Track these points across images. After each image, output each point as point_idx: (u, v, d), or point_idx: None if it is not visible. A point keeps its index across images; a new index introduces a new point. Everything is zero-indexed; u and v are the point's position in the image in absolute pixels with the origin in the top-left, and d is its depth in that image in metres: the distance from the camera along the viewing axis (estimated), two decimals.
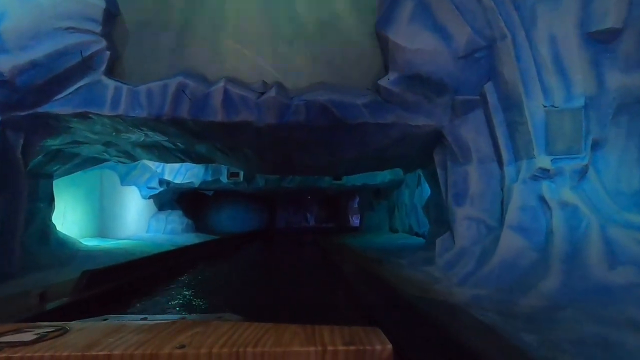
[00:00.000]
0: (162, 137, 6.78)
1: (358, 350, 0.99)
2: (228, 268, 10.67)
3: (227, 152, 7.79)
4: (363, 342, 1.01)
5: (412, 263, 6.89)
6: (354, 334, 1.07)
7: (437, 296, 4.46)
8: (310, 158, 7.69)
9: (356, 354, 0.98)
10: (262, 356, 0.97)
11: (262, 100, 5.74)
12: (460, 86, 5.52)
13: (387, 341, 1.02)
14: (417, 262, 6.88)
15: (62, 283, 5.05)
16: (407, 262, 7.14)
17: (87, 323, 1.37)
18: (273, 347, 0.99)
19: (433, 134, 6.10)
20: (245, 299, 6.48)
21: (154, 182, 14.88)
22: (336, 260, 8.96)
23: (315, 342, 1.02)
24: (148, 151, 8.14)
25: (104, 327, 1.24)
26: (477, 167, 5.77)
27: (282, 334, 1.08)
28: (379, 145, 6.75)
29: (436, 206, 9.10)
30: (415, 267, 6.33)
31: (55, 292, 4.49)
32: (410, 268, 6.33)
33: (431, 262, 6.22)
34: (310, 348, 0.98)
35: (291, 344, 1.01)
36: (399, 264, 7.16)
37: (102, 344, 1.03)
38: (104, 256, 7.70)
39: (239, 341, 1.03)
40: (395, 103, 5.81)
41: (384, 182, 16.47)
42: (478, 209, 5.72)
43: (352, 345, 0.99)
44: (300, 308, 5.65)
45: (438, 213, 8.96)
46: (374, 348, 0.99)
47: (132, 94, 5.65)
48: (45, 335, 1.09)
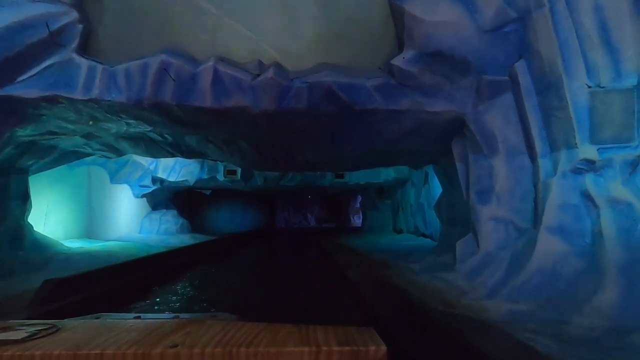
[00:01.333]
0: (146, 127, 6.03)
1: (352, 351, 0.98)
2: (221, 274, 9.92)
3: (220, 146, 7.04)
4: (357, 343, 1.01)
5: (427, 268, 6.14)
6: (348, 335, 1.07)
7: (466, 311, 3.71)
8: (313, 152, 6.94)
9: (350, 355, 0.98)
10: (255, 356, 0.96)
11: (257, 82, 5.00)
12: (486, 65, 4.78)
13: (381, 342, 1.01)
14: (432, 267, 6.14)
15: (19, 295, 4.31)
16: (420, 267, 6.39)
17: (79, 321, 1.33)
18: (267, 347, 0.98)
19: (453, 123, 5.35)
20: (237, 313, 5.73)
21: (147, 180, 14.11)
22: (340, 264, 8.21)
23: (310, 342, 1.01)
24: (134, 144, 7.39)
25: (96, 326, 1.23)
26: (504, 159, 5.02)
27: (276, 333, 1.08)
28: (390, 136, 6.00)
29: (449, 205, 8.35)
30: (432, 273, 5.58)
31: (7, 306, 3.75)
32: (426, 274, 5.58)
33: (450, 268, 5.47)
34: (304, 348, 0.97)
35: (285, 344, 1.00)
36: (410, 269, 6.42)
37: (94, 342, 1.02)
38: (85, 260, 6.96)
39: (233, 341, 1.02)
40: (411, 86, 5.06)
41: (388, 181, 15.73)
42: (506, 208, 4.97)
43: (346, 346, 0.99)
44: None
45: (451, 213, 8.21)
46: (368, 348, 0.98)
47: (108, 75, 4.91)
48: (36, 333, 1.07)
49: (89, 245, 9.75)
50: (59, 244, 8.41)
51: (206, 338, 1.04)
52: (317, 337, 1.05)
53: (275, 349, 0.98)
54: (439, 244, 8.27)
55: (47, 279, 4.29)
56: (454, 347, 3.05)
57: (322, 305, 5.94)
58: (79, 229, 11.03)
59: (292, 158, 7.36)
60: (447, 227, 8.26)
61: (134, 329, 1.17)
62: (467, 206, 6.56)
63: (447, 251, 6.69)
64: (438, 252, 7.44)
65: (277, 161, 7.59)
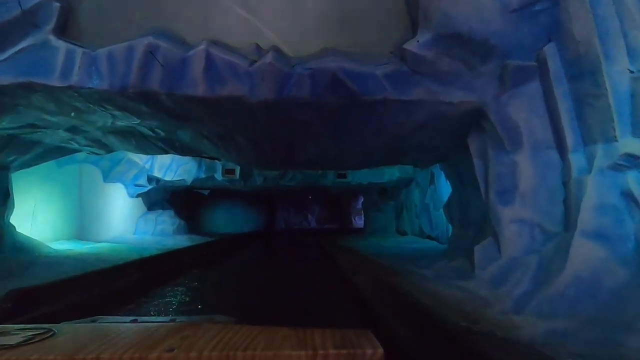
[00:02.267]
0: (134, 119, 5.53)
1: (349, 354, 0.97)
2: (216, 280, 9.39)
3: (216, 141, 6.54)
4: (354, 346, 1.00)
5: (440, 275, 5.63)
6: (345, 337, 1.06)
7: (493, 328, 3.20)
8: (315, 148, 6.43)
9: (347, 358, 0.97)
10: (252, 359, 0.96)
11: (255, 68, 4.49)
12: (511, 49, 4.27)
13: (378, 344, 1.00)
14: (446, 273, 5.63)
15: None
16: (433, 272, 5.88)
17: (75, 325, 1.33)
18: (264, 351, 0.98)
19: (471, 114, 4.84)
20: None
21: (142, 179, 13.61)
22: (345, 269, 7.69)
23: (306, 345, 1.00)
24: (123, 140, 6.88)
25: (93, 330, 1.23)
26: (529, 155, 4.52)
27: (273, 337, 1.07)
28: (399, 131, 5.50)
29: (460, 206, 7.85)
30: (447, 280, 5.07)
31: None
32: (441, 282, 5.07)
33: (467, 275, 4.96)
34: (301, 351, 0.97)
35: (282, 347, 0.99)
36: (422, 275, 5.90)
37: (90, 347, 1.01)
38: (69, 264, 6.45)
39: (230, 344, 1.01)
40: (425, 73, 4.56)
41: (392, 181, 15.22)
42: (531, 209, 4.46)
43: (343, 349, 0.98)
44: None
45: (463, 214, 7.71)
46: (365, 351, 0.98)
47: (88, 60, 4.41)
48: (32, 337, 1.06)
49: (78, 247, 9.24)
50: (44, 246, 7.91)
51: (203, 342, 1.04)
52: (314, 340, 1.04)
53: (272, 353, 0.97)
54: (450, 248, 7.75)
55: (13, 289, 3.78)
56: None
57: (327, 319, 5.43)
58: (69, 229, 10.51)
59: (292, 155, 6.85)
60: (458, 230, 7.75)
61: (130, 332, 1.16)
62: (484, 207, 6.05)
63: (460, 255, 6.19)
64: (450, 256, 6.93)
65: (276, 158, 7.08)
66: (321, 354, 0.97)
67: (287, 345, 1.02)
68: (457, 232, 7.81)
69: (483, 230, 6.76)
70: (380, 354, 0.98)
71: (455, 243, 7.75)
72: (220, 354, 0.96)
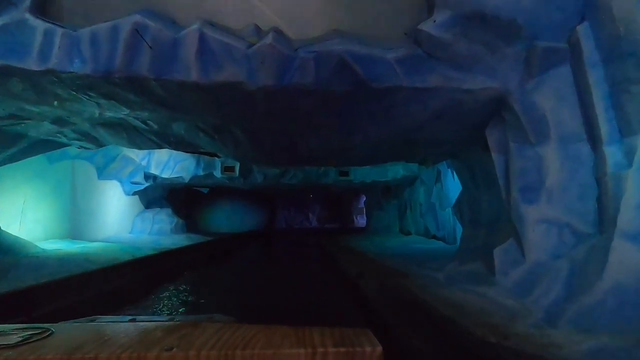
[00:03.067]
0: (122, 109, 5.10)
1: (348, 352, 0.97)
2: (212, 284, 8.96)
3: (212, 134, 6.10)
4: (353, 344, 1.00)
5: (454, 279, 5.20)
6: (344, 336, 1.06)
7: (528, 345, 2.76)
8: (318, 142, 6.00)
9: (346, 356, 0.97)
10: (251, 358, 0.95)
11: (253, 51, 4.05)
12: (539, 29, 3.83)
13: (377, 343, 1.00)
14: (460, 277, 5.19)
15: None
16: (445, 276, 5.45)
17: (73, 325, 1.32)
18: (262, 349, 0.97)
19: (491, 104, 4.40)
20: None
21: (139, 177, 13.19)
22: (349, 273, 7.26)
23: (305, 343, 1.00)
24: (114, 133, 6.45)
25: (91, 329, 1.22)
26: (557, 148, 4.08)
27: (272, 335, 1.06)
28: (411, 123, 5.06)
29: (472, 205, 7.41)
30: (463, 285, 4.63)
31: None
32: (457, 287, 4.64)
33: (485, 280, 4.52)
34: (300, 350, 0.96)
35: (281, 346, 0.99)
36: (434, 279, 5.47)
37: (87, 346, 1.01)
38: (55, 265, 6.04)
39: (228, 343, 1.01)
40: (442, 58, 4.12)
41: (396, 179, 14.79)
42: (559, 207, 4.03)
43: (342, 347, 0.98)
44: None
45: (474, 213, 7.27)
46: (364, 349, 0.98)
47: (69, 41, 3.97)
48: (30, 337, 1.05)
49: (69, 246, 8.83)
50: (32, 246, 7.49)
51: (201, 341, 1.03)
52: (313, 338, 1.04)
53: (271, 351, 0.97)
54: (460, 249, 7.30)
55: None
56: None
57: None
58: (61, 228, 10.10)
59: (294, 149, 6.41)
60: (469, 230, 7.31)
61: (128, 332, 1.16)
62: (499, 206, 5.62)
63: (473, 258, 5.77)
64: (461, 258, 6.49)
65: (276, 153, 6.64)
66: (320, 352, 0.97)
67: (286, 343, 1.01)
68: (467, 232, 7.37)
69: (497, 230, 6.33)
70: (379, 352, 0.98)
71: (466, 244, 7.32)
72: (218, 353, 0.96)
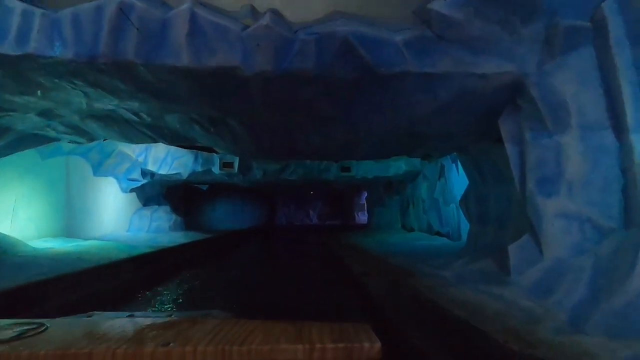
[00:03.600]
0: (111, 99, 4.79)
1: (346, 348, 0.96)
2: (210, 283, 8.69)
3: (207, 127, 5.80)
4: (352, 340, 0.99)
5: (463, 277, 4.91)
6: (343, 331, 1.05)
7: (558, 355, 2.47)
8: (319, 135, 5.70)
9: (345, 351, 0.96)
10: (248, 354, 0.94)
11: (249, 33, 3.74)
12: (560, 6, 3.52)
13: (376, 338, 1.00)
14: (469, 276, 4.91)
15: None
16: (453, 275, 5.16)
17: (68, 320, 1.31)
18: (260, 345, 0.96)
19: (506, 90, 4.09)
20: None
21: (136, 173, 12.90)
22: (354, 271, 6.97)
23: (303, 339, 0.99)
24: (105, 126, 6.15)
25: (86, 325, 1.20)
26: (578, 137, 3.77)
27: (270, 331, 1.04)
28: (419, 112, 4.75)
29: (479, 200, 7.12)
30: (474, 285, 4.34)
31: None
32: (467, 287, 4.35)
33: (498, 279, 4.23)
34: (298, 345, 0.95)
35: (279, 342, 0.98)
36: (441, 278, 5.18)
37: (83, 341, 0.99)
38: (44, 265, 5.75)
39: (226, 339, 1.00)
40: (454, 40, 3.81)
41: (399, 174, 14.49)
42: (581, 200, 3.73)
43: (340, 343, 0.98)
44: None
45: (482, 208, 6.98)
46: (363, 345, 0.97)
47: (49, 23, 3.67)
48: (24, 332, 1.03)
49: (62, 245, 8.55)
50: (22, 245, 7.21)
51: (199, 336, 1.01)
52: (311, 334, 1.02)
53: (268, 347, 0.95)
54: (467, 246, 7.03)
55: None
56: None
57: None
58: (55, 226, 9.82)
59: (293, 143, 6.11)
60: (477, 226, 7.02)
61: (124, 327, 1.14)
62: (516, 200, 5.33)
63: (482, 255, 5.49)
64: (469, 255, 6.20)
65: (274, 146, 6.34)
66: (318, 348, 0.95)
67: (284, 339, 0.99)
68: (475, 228, 7.08)
69: (506, 226, 6.05)
70: (377, 348, 0.96)
71: (473, 241, 7.04)
72: (215, 349, 0.94)
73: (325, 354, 0.96)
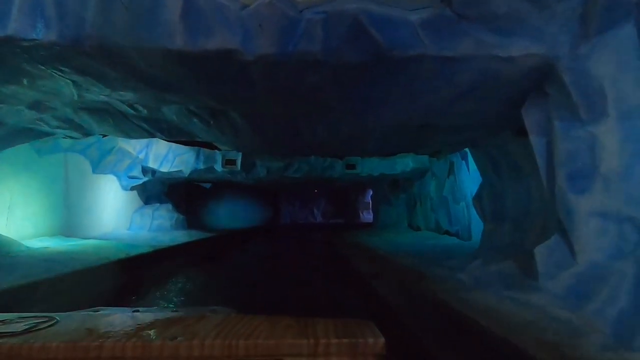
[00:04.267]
0: (103, 89, 4.47)
1: (350, 343, 0.97)
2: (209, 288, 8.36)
3: (207, 119, 5.46)
4: (356, 335, 1.00)
5: (482, 281, 4.54)
6: (347, 327, 1.06)
7: None
8: (327, 127, 5.34)
9: (348, 347, 0.97)
10: (255, 348, 0.95)
11: (250, 12, 3.39)
12: None
13: (380, 334, 1.01)
14: (488, 279, 4.53)
15: None
16: (470, 278, 4.77)
17: (78, 314, 1.34)
18: (266, 340, 0.97)
19: (533, 75, 3.71)
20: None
21: (136, 171, 12.61)
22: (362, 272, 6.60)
23: (308, 334, 1.00)
24: (99, 119, 5.83)
25: (95, 319, 1.23)
26: (616, 126, 3.38)
27: (275, 326, 1.06)
28: (436, 100, 4.39)
29: (494, 197, 6.73)
30: (495, 290, 3.97)
31: None
32: (488, 292, 3.98)
33: (524, 283, 3.86)
34: (303, 340, 0.97)
35: (284, 336, 1.00)
36: (457, 281, 4.80)
37: (93, 335, 1.01)
38: (34, 265, 5.45)
39: (232, 333, 1.01)
40: (476, 19, 3.43)
41: (406, 172, 14.10)
42: (619, 197, 3.34)
43: (344, 338, 0.99)
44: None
45: (497, 206, 6.59)
46: (367, 341, 0.98)
47: (30, 3, 3.33)
48: (35, 325, 1.06)
49: (59, 244, 8.28)
50: (16, 244, 6.92)
51: (205, 331, 1.03)
52: (316, 329, 1.03)
53: (274, 342, 0.96)
54: (482, 246, 6.64)
55: None
56: None
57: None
58: (52, 225, 9.55)
59: (298, 136, 5.76)
60: (491, 225, 6.63)
61: (133, 322, 1.16)
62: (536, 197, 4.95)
63: (500, 256, 5.13)
64: (484, 256, 5.82)
65: (279, 141, 5.99)
66: (323, 343, 0.96)
67: (289, 334, 1.01)
68: (489, 227, 6.69)
69: (526, 225, 5.67)
70: (381, 344, 0.97)
71: (488, 241, 6.65)
72: (222, 343, 0.95)
73: (329, 348, 0.97)
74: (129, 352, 0.93)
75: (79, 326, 1.09)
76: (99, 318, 1.22)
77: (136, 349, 0.93)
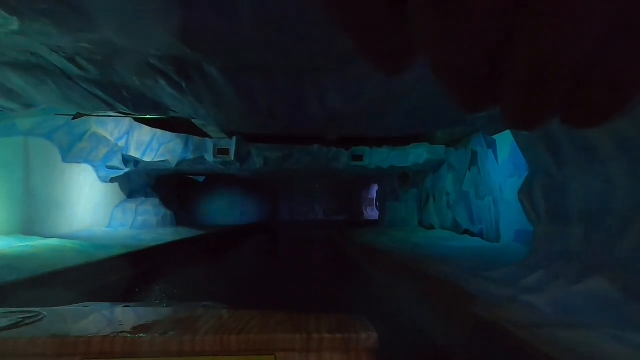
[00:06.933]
0: (4, 18, 2.99)
1: (343, 338, 0.98)
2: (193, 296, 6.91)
3: (177, 80, 3.99)
4: (349, 330, 1.01)
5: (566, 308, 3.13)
6: (340, 322, 1.07)
7: None
8: (343, 89, 3.86)
9: (341, 341, 0.98)
10: (247, 343, 0.96)
11: None
12: None
13: (373, 329, 1.02)
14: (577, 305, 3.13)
15: None
16: (548, 303, 3.35)
17: (66, 309, 1.32)
18: (258, 334, 0.98)
19: None
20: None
21: (116, 160, 11.15)
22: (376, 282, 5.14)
23: (301, 329, 1.01)
24: (36, 82, 4.35)
25: (84, 313, 1.22)
26: None
27: (268, 321, 1.07)
28: None
29: (551, 191, 5.27)
30: (599, 325, 2.55)
31: None
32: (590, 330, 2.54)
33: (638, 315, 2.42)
34: (296, 335, 0.98)
35: (276, 331, 1.00)
36: (529, 307, 3.37)
37: (81, 329, 1.01)
38: None
39: (224, 328, 1.01)
40: None
41: (418, 164, 12.68)
42: None
43: (337, 333, 0.99)
44: None
45: (558, 202, 5.12)
46: (359, 336, 0.99)
47: None
48: (21, 320, 1.04)
49: (12, 245, 6.83)
50: None
51: (197, 325, 1.02)
52: (308, 324, 1.04)
53: (266, 336, 0.96)
54: (536, 253, 5.17)
55: None
56: None
57: None
58: (9, 222, 8.10)
59: (302, 107, 4.28)
60: (549, 226, 5.17)
61: (122, 316, 1.17)
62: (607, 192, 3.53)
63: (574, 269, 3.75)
64: (548, 267, 4.42)
65: (274, 113, 4.51)
66: (315, 338, 0.96)
67: (282, 329, 1.00)
68: (546, 229, 5.24)
69: (603, 227, 4.26)
70: (374, 339, 0.98)
71: (545, 246, 5.19)
72: (214, 337, 0.94)
73: (322, 343, 0.96)
74: (118, 347, 0.89)
75: (67, 321, 1.07)
76: (88, 313, 1.19)
77: (125, 343, 0.90)
